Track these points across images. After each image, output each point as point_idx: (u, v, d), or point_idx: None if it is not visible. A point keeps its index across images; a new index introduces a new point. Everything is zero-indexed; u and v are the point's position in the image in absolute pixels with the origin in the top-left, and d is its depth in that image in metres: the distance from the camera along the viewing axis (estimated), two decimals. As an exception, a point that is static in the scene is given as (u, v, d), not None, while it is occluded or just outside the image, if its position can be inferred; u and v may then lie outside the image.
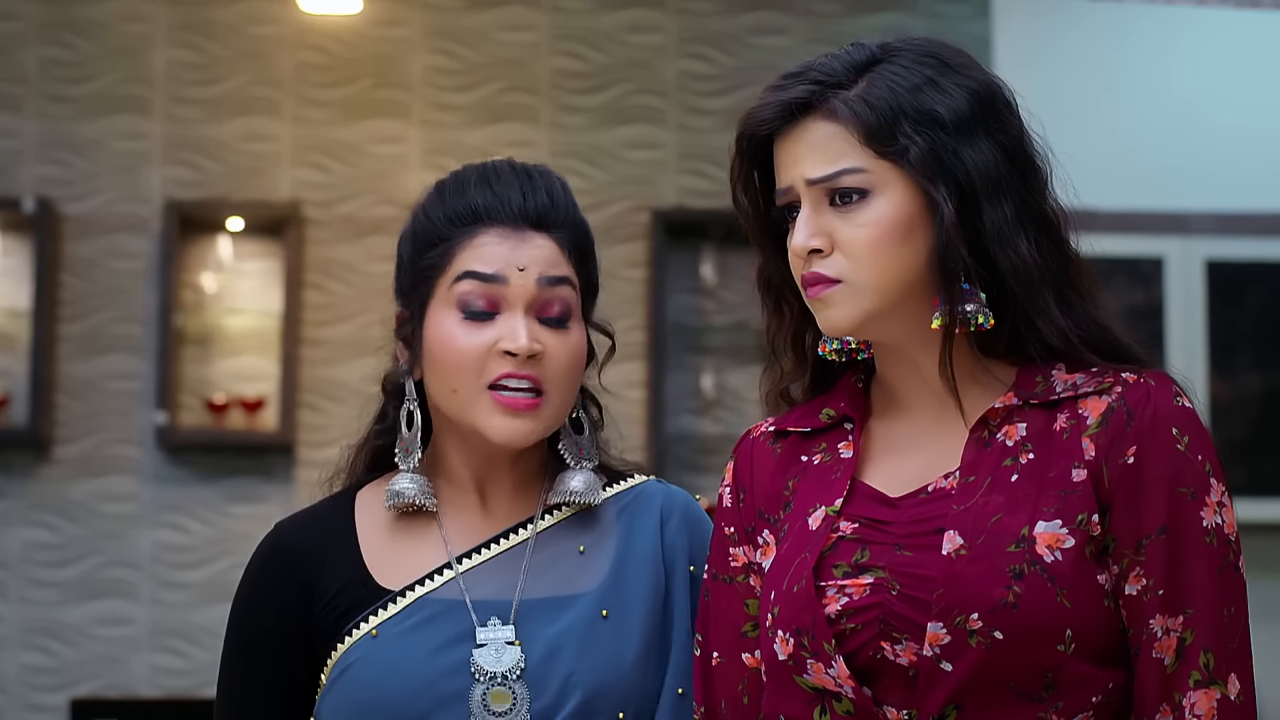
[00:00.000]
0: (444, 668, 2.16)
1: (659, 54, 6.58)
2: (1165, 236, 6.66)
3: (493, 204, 2.25)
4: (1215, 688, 1.90)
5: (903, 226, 1.99)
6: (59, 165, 6.38)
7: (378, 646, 2.17)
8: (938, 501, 1.99)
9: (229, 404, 6.27)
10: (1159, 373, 2.00)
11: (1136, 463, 1.94)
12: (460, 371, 2.19)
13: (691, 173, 6.51)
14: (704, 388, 6.45)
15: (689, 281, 6.49)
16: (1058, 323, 1.99)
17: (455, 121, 6.48)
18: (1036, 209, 2.01)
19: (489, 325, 2.20)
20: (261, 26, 6.48)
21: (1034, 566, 1.90)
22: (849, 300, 2.00)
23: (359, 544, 2.25)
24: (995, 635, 1.89)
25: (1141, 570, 1.92)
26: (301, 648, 2.22)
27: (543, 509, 2.28)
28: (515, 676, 2.16)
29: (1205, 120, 6.79)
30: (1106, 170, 6.54)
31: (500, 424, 2.19)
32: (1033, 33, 6.73)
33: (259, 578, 2.27)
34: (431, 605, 2.20)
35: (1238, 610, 1.94)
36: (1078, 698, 1.91)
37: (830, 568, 1.99)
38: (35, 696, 6.20)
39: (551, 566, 2.24)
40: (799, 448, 2.14)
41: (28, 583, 6.25)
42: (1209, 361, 6.61)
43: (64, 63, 6.42)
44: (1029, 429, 1.99)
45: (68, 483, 6.27)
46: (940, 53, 2.07)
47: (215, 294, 6.36)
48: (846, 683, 1.95)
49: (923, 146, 1.98)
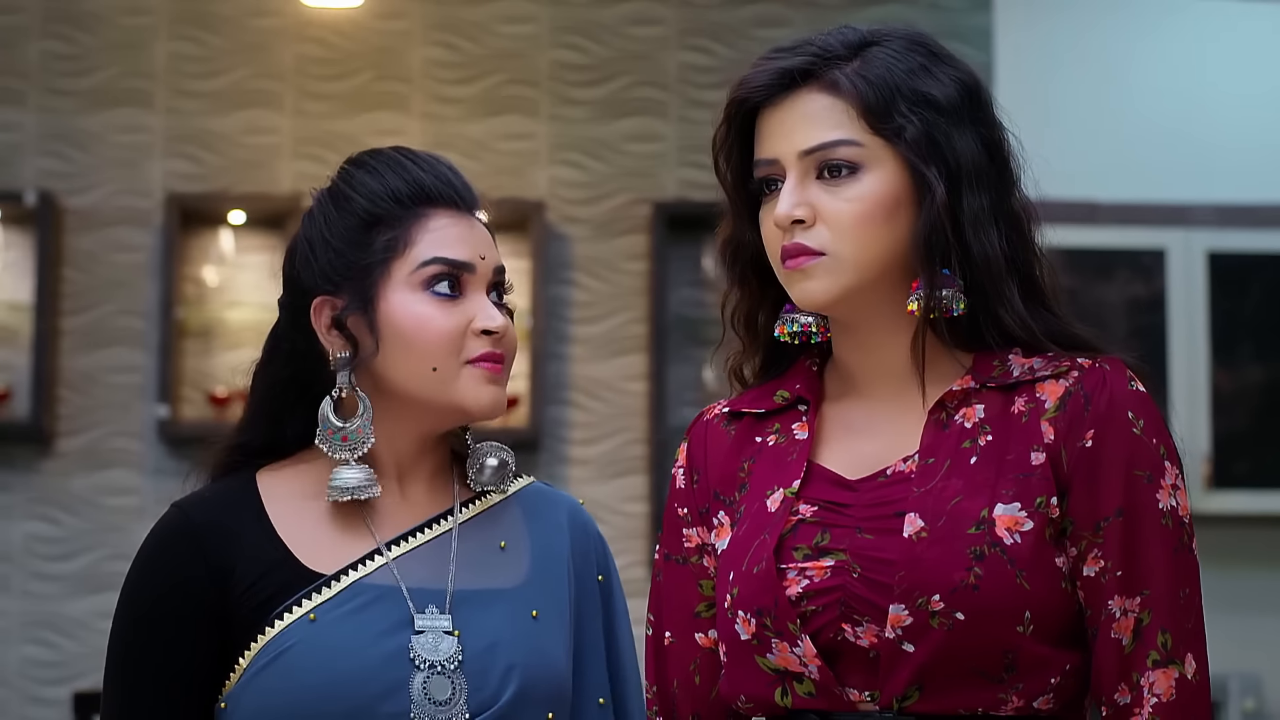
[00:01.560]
0: (385, 653, 2.13)
1: (660, 46, 6.58)
2: (1167, 228, 6.66)
3: (438, 185, 2.23)
4: (1173, 667, 1.93)
5: (889, 204, 2.01)
6: (60, 158, 6.38)
7: (317, 630, 2.13)
8: (897, 485, 2.01)
9: (231, 397, 6.27)
10: (1114, 358, 2.02)
11: (1094, 446, 1.96)
12: (440, 351, 2.18)
13: (692, 165, 6.51)
14: (705, 380, 6.45)
15: (690, 274, 6.49)
16: (1019, 313, 2.01)
17: (456, 114, 6.48)
18: (1008, 204, 2.04)
19: (458, 305, 2.20)
20: (262, 19, 6.47)
21: (994, 548, 1.93)
22: (829, 274, 2.02)
23: (274, 527, 2.21)
24: (957, 616, 1.91)
25: (1099, 552, 1.95)
26: (211, 629, 2.15)
27: (459, 501, 2.28)
28: (453, 666, 2.14)
29: (1207, 112, 6.79)
30: (1108, 162, 6.54)
31: (486, 392, 2.19)
32: (1035, 26, 6.72)
33: (164, 555, 2.20)
34: (368, 590, 2.17)
35: (1192, 592, 1.97)
36: (1037, 679, 1.94)
37: (790, 550, 2.02)
38: (37, 690, 6.21)
39: (478, 558, 2.24)
40: (753, 429, 2.15)
41: (30, 576, 6.25)
42: (1211, 353, 6.60)
43: (65, 56, 6.42)
44: (987, 411, 2.01)
45: (69, 476, 6.28)
46: (928, 43, 2.10)
47: (217, 287, 6.36)
48: (812, 662, 1.97)
49: (919, 126, 2.01)
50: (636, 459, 6.36)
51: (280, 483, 2.26)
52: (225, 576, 2.17)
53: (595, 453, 6.34)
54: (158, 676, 2.17)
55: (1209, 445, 6.47)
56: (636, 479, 6.30)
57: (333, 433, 2.22)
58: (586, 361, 6.31)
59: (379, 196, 2.22)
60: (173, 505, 2.26)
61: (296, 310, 2.25)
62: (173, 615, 2.17)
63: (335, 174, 2.29)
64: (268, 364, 2.30)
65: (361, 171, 2.25)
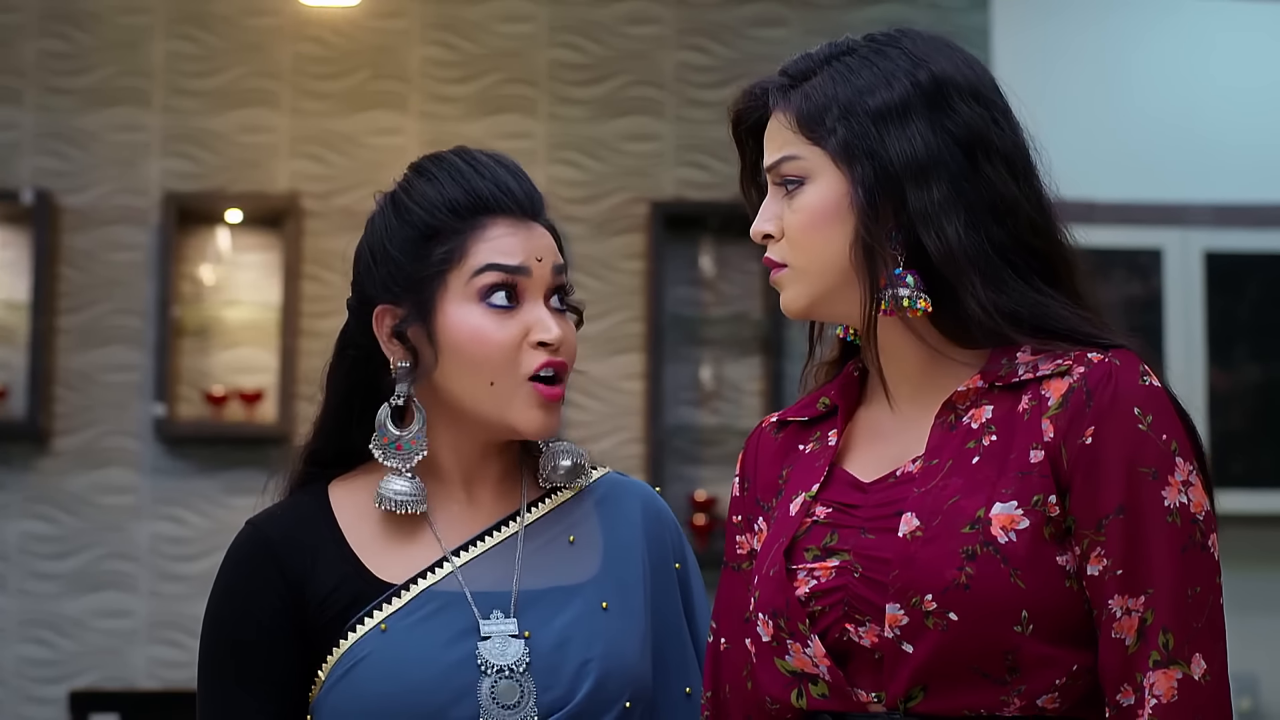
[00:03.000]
0: (453, 660, 2.15)
1: (657, 46, 6.58)
2: (1164, 228, 6.66)
3: (496, 193, 2.23)
4: (1176, 667, 1.90)
5: (830, 211, 2.04)
6: (57, 157, 6.38)
7: (389, 640, 2.16)
8: (903, 485, 2.02)
9: (228, 396, 6.28)
10: (1126, 352, 2.01)
11: (1094, 443, 1.95)
12: (497, 365, 2.19)
13: (690, 164, 6.51)
14: (703, 379, 6.45)
15: (687, 273, 6.49)
16: (982, 301, 1.99)
17: (453, 113, 6.48)
18: (984, 194, 2.02)
19: (514, 316, 2.20)
20: (260, 18, 6.48)
21: (987, 547, 1.92)
22: (794, 283, 2.07)
23: (346, 539, 2.23)
24: (950, 616, 1.91)
25: (1102, 550, 1.93)
26: (294, 645, 2.19)
27: (527, 502, 2.29)
28: (521, 669, 2.16)
29: (1204, 111, 6.79)
30: (1105, 162, 6.54)
31: (538, 416, 2.21)
32: (1032, 25, 6.72)
33: (244, 575, 2.22)
34: (436, 598, 2.19)
35: (1204, 590, 1.93)
36: (1040, 679, 1.93)
37: (803, 551, 2.04)
38: (34, 688, 6.21)
39: (545, 557, 2.25)
40: (797, 436, 2.18)
41: (26, 575, 6.25)
42: (1208, 353, 6.61)
43: (62, 55, 6.42)
44: (995, 411, 2.01)
45: (66, 475, 6.28)
46: (904, 43, 2.11)
47: (214, 286, 6.37)
48: (822, 662, 1.97)
49: (841, 132, 2.04)
50: (634, 458, 6.37)
51: (350, 494, 2.27)
52: (301, 591, 2.20)
53: (592, 451, 6.33)
54: (248, 694, 2.20)
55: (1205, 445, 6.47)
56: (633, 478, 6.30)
57: (388, 440, 2.23)
58: (583, 360, 6.26)
59: (436, 207, 2.22)
60: (247, 523, 2.28)
61: (362, 316, 2.27)
62: (255, 632, 2.20)
63: (399, 180, 2.29)
64: (336, 368, 2.32)
65: (421, 180, 2.25)
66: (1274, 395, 6.70)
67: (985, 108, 2.07)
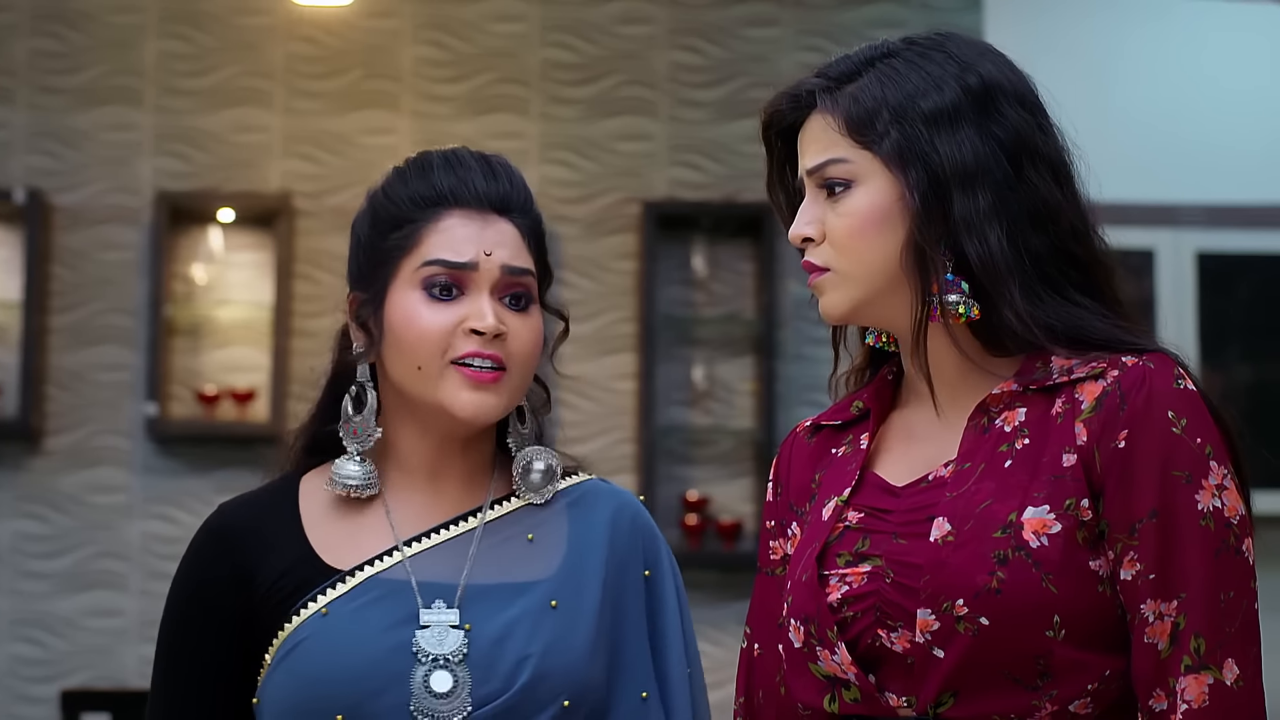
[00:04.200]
0: (389, 647, 2.17)
1: (650, 45, 6.58)
2: (1156, 228, 6.67)
3: (457, 187, 2.25)
4: (1208, 673, 1.89)
5: (880, 215, 2.03)
6: (49, 156, 6.37)
7: (328, 624, 2.18)
8: (935, 490, 2.01)
9: (219, 395, 6.27)
10: (1161, 355, 2.00)
11: (1127, 446, 1.94)
12: (425, 348, 2.20)
13: (682, 164, 6.51)
14: (694, 379, 6.45)
15: (679, 273, 6.49)
16: (1021, 312, 1.99)
17: (445, 113, 6.48)
18: (1027, 202, 2.03)
19: (454, 305, 2.21)
20: (252, 18, 6.47)
21: (1019, 552, 1.91)
22: (837, 288, 2.05)
23: (303, 526, 2.26)
24: (982, 621, 1.90)
25: (1134, 555, 1.92)
26: (236, 629, 2.21)
27: (492, 499, 2.30)
28: (458, 660, 2.17)
29: (1196, 112, 6.79)
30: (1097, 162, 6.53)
31: (466, 398, 2.20)
32: (1023, 25, 6.73)
33: (197, 558, 2.27)
34: (380, 585, 2.20)
35: (1238, 594, 1.92)
36: (1072, 684, 1.92)
37: (834, 557, 2.03)
38: (25, 688, 6.20)
39: (499, 553, 2.26)
40: (830, 441, 2.18)
41: (17, 574, 6.25)
42: (1200, 353, 6.61)
43: (54, 54, 6.41)
44: (1028, 415, 2.00)
45: (58, 474, 6.27)
46: (950, 47, 2.10)
47: (206, 285, 6.36)
48: (850, 669, 1.97)
49: (895, 136, 2.02)
50: (625, 458, 6.36)
51: (319, 483, 2.30)
52: (249, 576, 2.23)
53: (583, 452, 6.32)
54: (193, 673, 2.24)
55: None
56: (625, 478, 6.30)
57: (347, 424, 2.27)
58: (576, 360, 6.30)
59: (401, 199, 2.26)
60: (217, 507, 2.33)
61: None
62: (199, 614, 2.24)
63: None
64: (332, 360, 2.36)
65: (395, 174, 2.31)
66: (1266, 395, 6.71)
67: (1030, 113, 2.08)
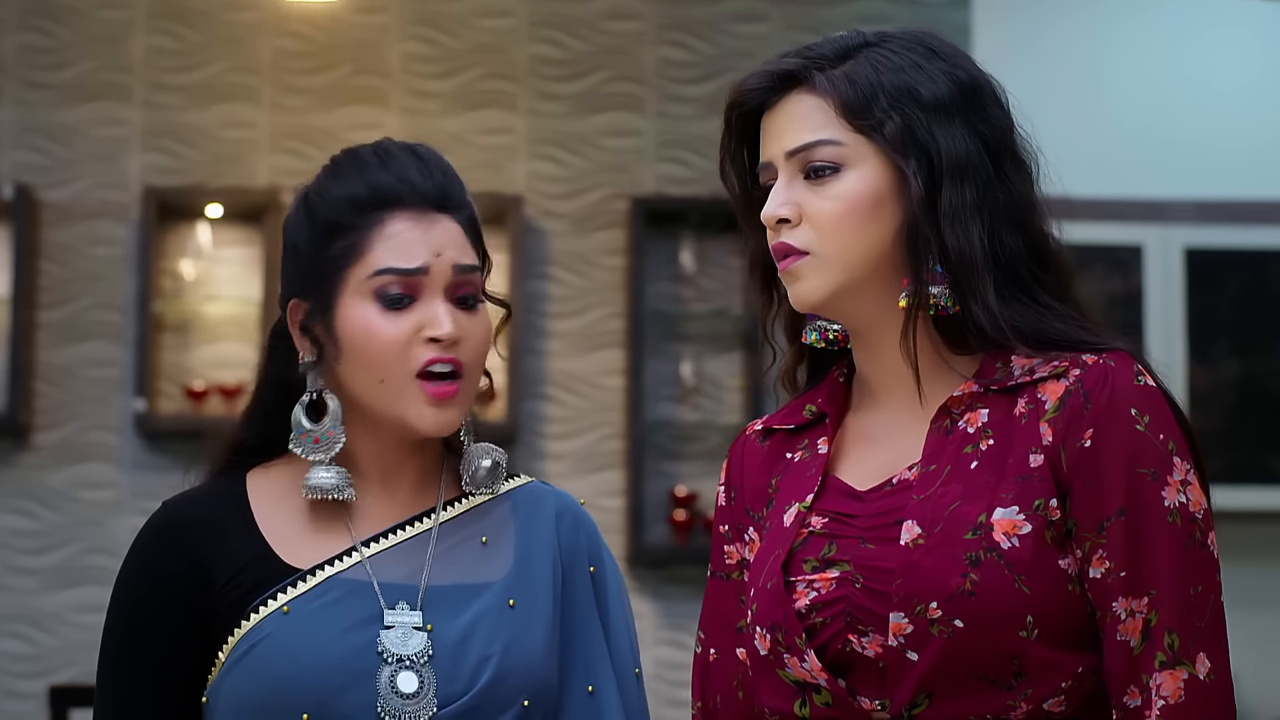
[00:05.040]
0: (353, 647, 2.15)
1: (638, 41, 6.58)
2: (1144, 224, 6.67)
3: (397, 187, 2.21)
4: (1182, 668, 1.90)
5: (870, 201, 2.01)
6: (37, 152, 6.37)
7: (290, 623, 2.16)
8: (900, 493, 2.00)
9: (208, 391, 6.27)
10: (1120, 353, 1.99)
11: (1094, 445, 1.94)
12: (386, 362, 2.17)
13: (670, 160, 6.51)
14: (683, 375, 6.46)
15: (668, 269, 6.49)
16: (991, 308, 1.98)
17: (434, 108, 6.48)
18: (1006, 201, 2.02)
19: (408, 312, 2.18)
20: (240, 13, 6.47)
21: (990, 553, 1.91)
22: (816, 273, 2.02)
23: (257, 524, 2.23)
24: (956, 624, 1.90)
25: (1104, 553, 1.92)
26: (193, 626, 2.18)
27: (443, 500, 2.29)
28: (423, 661, 2.16)
29: (1184, 108, 6.80)
30: (1085, 158, 6.54)
31: (430, 414, 2.18)
32: (1012, 21, 6.73)
33: (148, 553, 2.23)
34: (341, 585, 2.19)
35: (1205, 589, 1.94)
36: (1046, 683, 1.92)
37: (800, 563, 2.01)
38: (14, 684, 6.20)
39: (456, 555, 2.25)
40: (784, 445, 2.15)
41: (6, 570, 6.24)
42: (1188, 349, 6.62)
43: (42, 50, 6.41)
44: (990, 415, 2.00)
45: (46, 470, 6.27)
46: (930, 42, 2.10)
47: (194, 281, 6.36)
48: (820, 675, 1.96)
49: (897, 122, 2.01)
50: (613, 454, 6.37)
51: (267, 481, 2.28)
52: (205, 573, 2.20)
53: (572, 447, 6.34)
54: (144, 671, 2.20)
55: (1187, 441, 6.48)
56: (613, 474, 6.31)
57: (304, 435, 2.23)
58: (564, 356, 6.30)
59: (338, 202, 2.21)
60: (162, 504, 2.29)
61: (283, 310, 2.27)
62: (154, 611, 2.20)
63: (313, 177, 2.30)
64: (265, 361, 2.32)
65: (327, 174, 2.25)
66: (1253, 391, 6.72)
67: (1005, 114, 2.07)
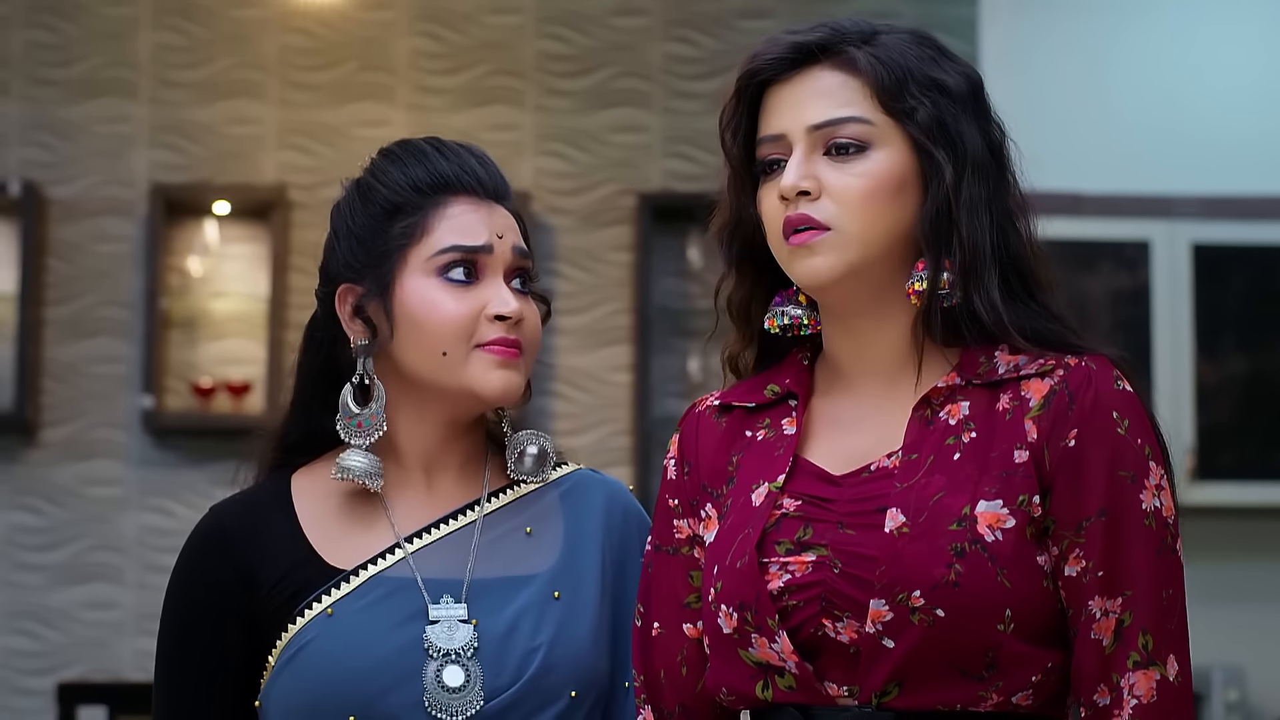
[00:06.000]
0: (400, 644, 2.16)
1: (645, 37, 6.58)
2: (1151, 220, 6.65)
3: (459, 174, 2.25)
4: (1154, 669, 1.92)
5: (894, 184, 2.02)
6: (44, 149, 6.37)
7: (335, 624, 2.17)
8: (880, 480, 2.01)
9: (215, 388, 6.27)
10: (1100, 356, 2.01)
11: (1077, 446, 1.96)
12: (451, 335, 2.19)
13: (677, 156, 6.51)
14: (690, 371, 6.45)
15: (675, 265, 6.49)
16: (992, 301, 2.00)
17: (440, 105, 6.48)
18: (1003, 198, 2.05)
19: (473, 290, 2.21)
20: (246, 10, 6.47)
21: (975, 545, 1.92)
22: (835, 249, 2.01)
23: (301, 526, 2.25)
24: (937, 613, 1.91)
25: (1081, 552, 1.94)
26: (242, 631, 2.21)
27: (488, 491, 2.29)
28: (469, 654, 2.16)
29: (1191, 103, 6.79)
30: (1092, 154, 6.54)
31: (497, 376, 2.20)
32: (1019, 17, 6.72)
33: (197, 561, 2.27)
34: (385, 584, 2.20)
35: (1175, 592, 1.96)
36: (1017, 677, 1.93)
37: (773, 544, 2.01)
38: (21, 680, 6.20)
39: (500, 547, 2.25)
40: (743, 423, 2.14)
41: (13, 567, 6.24)
42: (1195, 345, 6.60)
43: (49, 46, 6.41)
44: (971, 408, 2.01)
45: (53, 467, 6.27)
46: (934, 39, 2.11)
47: (201, 277, 6.36)
48: (790, 658, 1.96)
49: (929, 110, 2.02)
50: (621, 450, 6.36)
51: (310, 481, 2.29)
52: (251, 578, 2.22)
53: (580, 443, 6.34)
54: (197, 677, 2.24)
55: (1193, 437, 6.47)
56: (621, 470, 6.30)
57: (350, 419, 2.24)
58: (571, 352, 6.31)
59: (400, 185, 2.25)
60: (210, 509, 2.32)
61: (326, 300, 2.29)
62: (205, 618, 2.23)
63: (365, 165, 2.32)
64: (304, 355, 2.34)
65: (386, 161, 2.28)
66: (1261, 387, 6.71)
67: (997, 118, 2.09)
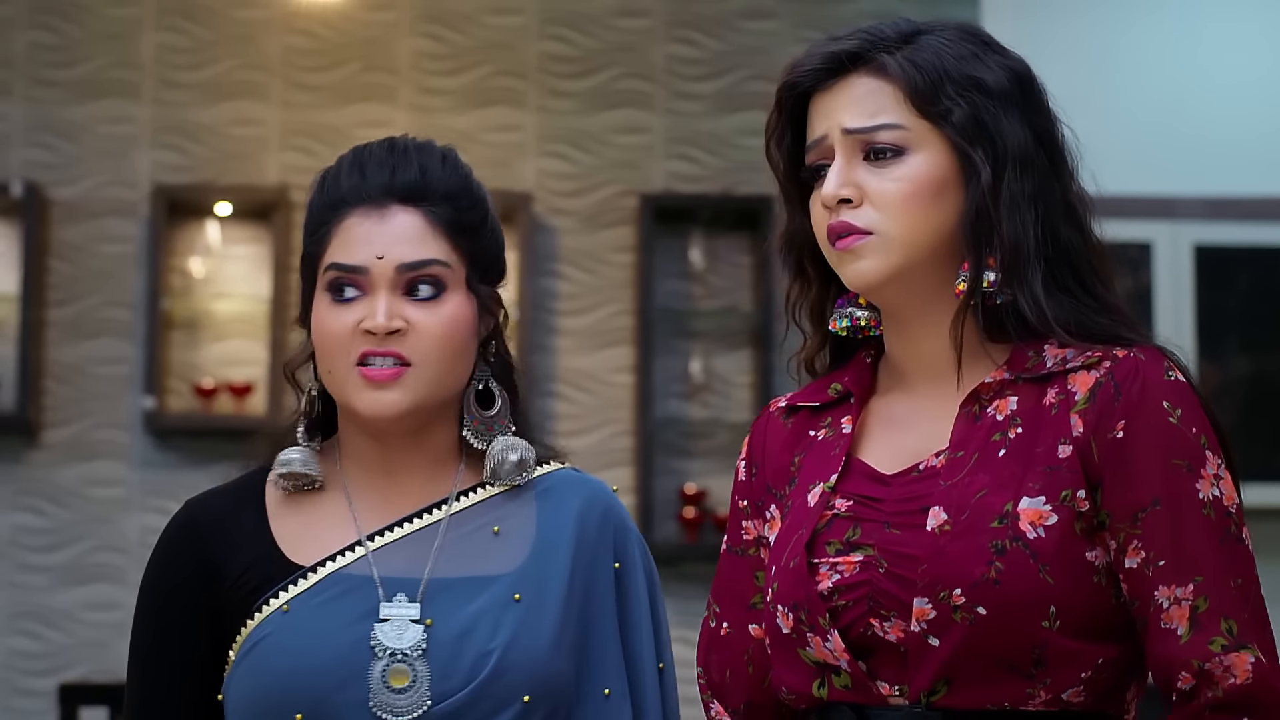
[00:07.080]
0: (348, 642, 2.16)
1: (647, 38, 6.58)
2: (1154, 221, 6.66)
3: (357, 185, 2.24)
4: (1246, 651, 1.89)
5: (935, 186, 2.02)
6: (47, 149, 6.37)
7: (289, 621, 2.17)
8: (928, 480, 2.01)
9: (217, 389, 6.27)
10: (1151, 347, 2.01)
11: (1125, 437, 1.94)
12: (332, 352, 2.21)
13: (679, 157, 6.51)
14: (692, 372, 6.45)
15: (677, 266, 6.49)
16: (1038, 298, 2.00)
17: (443, 105, 6.48)
18: (1058, 194, 2.05)
19: (354, 305, 2.20)
20: (249, 11, 6.47)
21: (1016, 543, 1.92)
22: (878, 253, 2.02)
23: (269, 522, 2.26)
24: (979, 611, 1.90)
25: (1140, 543, 1.93)
26: (206, 624, 2.22)
27: (458, 490, 2.28)
28: (417, 654, 2.16)
29: (1193, 104, 6.79)
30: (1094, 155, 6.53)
31: (367, 398, 2.19)
32: (1021, 17, 6.72)
33: (166, 554, 2.30)
34: (343, 581, 2.20)
35: (1246, 581, 1.93)
36: (1066, 673, 1.92)
37: (824, 544, 2.02)
38: (24, 681, 6.20)
39: (465, 547, 2.24)
40: (808, 423, 2.16)
41: (16, 568, 6.24)
42: (1197, 346, 6.61)
43: (52, 47, 6.41)
44: (1019, 404, 2.00)
45: (56, 468, 6.27)
46: (979, 33, 2.12)
47: (203, 278, 6.36)
48: (843, 656, 1.97)
49: (965, 110, 2.02)
50: (623, 451, 6.36)
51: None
52: (217, 571, 2.24)
53: (581, 444, 6.34)
54: (167, 669, 2.25)
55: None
56: (623, 471, 6.30)
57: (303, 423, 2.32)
58: (573, 353, 6.30)
59: (315, 205, 2.27)
60: (184, 502, 2.35)
61: None
62: (172, 610, 2.26)
63: None
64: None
65: (317, 180, 2.30)
66: (1264, 388, 6.71)
67: (1050, 109, 2.10)
